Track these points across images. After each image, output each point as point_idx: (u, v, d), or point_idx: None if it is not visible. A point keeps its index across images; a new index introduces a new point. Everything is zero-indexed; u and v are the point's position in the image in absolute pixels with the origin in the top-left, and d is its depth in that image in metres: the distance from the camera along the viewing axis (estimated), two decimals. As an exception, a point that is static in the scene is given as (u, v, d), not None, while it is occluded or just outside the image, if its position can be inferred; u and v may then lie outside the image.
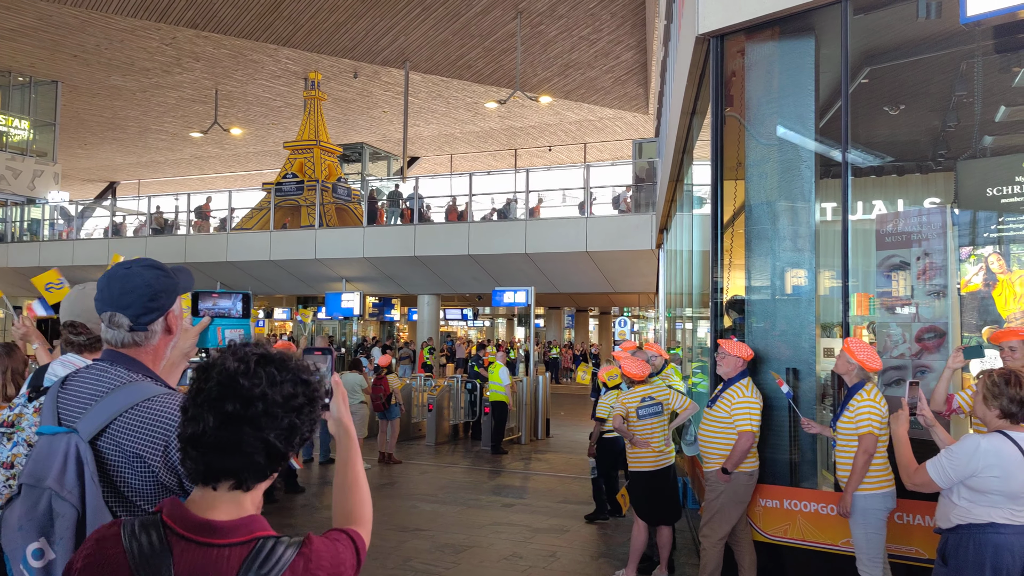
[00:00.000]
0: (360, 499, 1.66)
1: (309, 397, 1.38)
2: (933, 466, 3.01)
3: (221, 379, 1.31)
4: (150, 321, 1.83)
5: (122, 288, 1.82)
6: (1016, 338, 3.79)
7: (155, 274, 1.86)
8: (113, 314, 1.81)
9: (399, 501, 8.42)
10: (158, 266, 1.90)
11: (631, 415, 5.60)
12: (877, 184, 7.98)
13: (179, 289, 1.93)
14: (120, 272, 1.86)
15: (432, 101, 26.40)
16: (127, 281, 1.83)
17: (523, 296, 14.20)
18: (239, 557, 1.27)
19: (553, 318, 35.54)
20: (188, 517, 1.31)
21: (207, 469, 1.31)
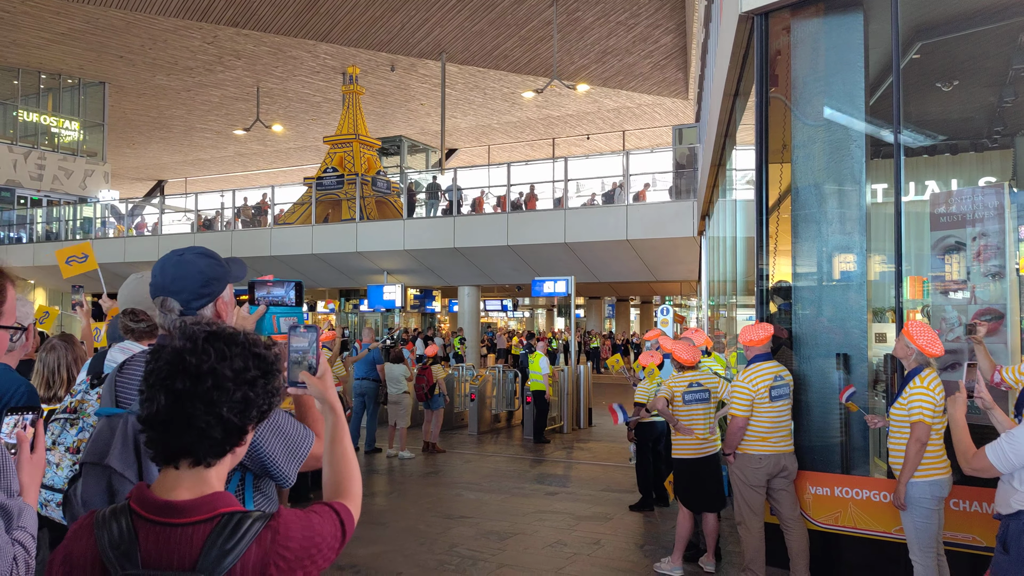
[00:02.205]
0: (348, 473, 1.66)
1: (263, 370, 1.37)
2: (993, 450, 2.90)
3: (170, 359, 1.31)
4: (200, 307, 1.87)
5: (175, 274, 1.87)
6: None
7: (208, 262, 1.91)
8: (165, 299, 1.85)
9: (444, 489, 8.47)
10: (210, 254, 1.95)
11: (676, 399, 5.53)
12: (929, 164, 7.75)
13: (230, 277, 1.97)
14: (174, 259, 1.91)
15: (469, 92, 26.42)
16: (180, 268, 1.88)
17: (563, 286, 14.14)
18: (203, 534, 1.27)
19: (593, 308, 35.39)
20: (151, 500, 1.31)
21: (165, 448, 1.32)
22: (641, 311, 38.65)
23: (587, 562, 5.75)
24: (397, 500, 7.92)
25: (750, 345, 5.11)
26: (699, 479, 5.52)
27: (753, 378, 4.97)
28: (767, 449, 4.96)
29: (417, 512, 7.34)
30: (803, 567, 4.96)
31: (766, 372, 5.01)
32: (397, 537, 6.40)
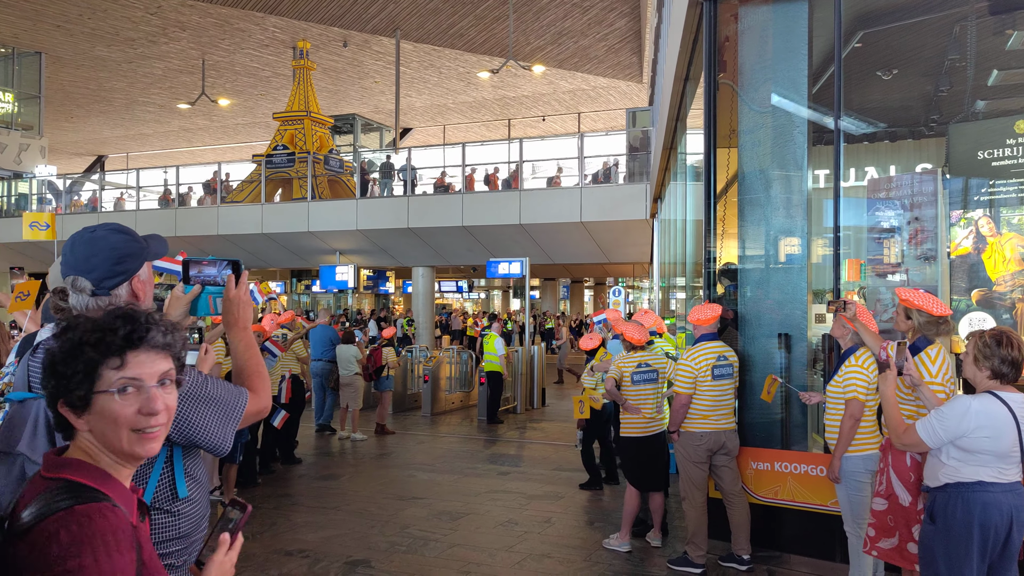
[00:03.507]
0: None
1: None
2: (923, 427, 3.04)
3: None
4: (114, 286, 1.78)
5: (86, 252, 1.77)
6: None
7: (121, 238, 1.81)
8: (76, 278, 1.76)
9: (396, 471, 8.50)
10: (124, 230, 1.85)
11: (625, 379, 5.64)
12: (870, 150, 7.97)
13: (148, 255, 1.87)
14: (85, 236, 1.81)
15: (424, 71, 26.14)
16: (91, 245, 1.78)
17: (518, 267, 14.20)
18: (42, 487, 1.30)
19: (548, 289, 35.58)
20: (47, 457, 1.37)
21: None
22: (595, 292, 39.01)
23: (538, 540, 5.85)
24: (348, 483, 7.92)
25: (698, 324, 5.24)
26: (646, 458, 5.65)
27: (697, 357, 5.10)
28: (708, 427, 5.10)
29: (369, 494, 7.36)
30: (744, 539, 5.14)
31: (710, 351, 5.14)
32: (348, 520, 6.41)
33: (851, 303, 4.38)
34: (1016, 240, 4.85)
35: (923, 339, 3.82)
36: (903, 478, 3.77)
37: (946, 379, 3.68)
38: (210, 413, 1.74)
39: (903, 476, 3.77)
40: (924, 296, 3.81)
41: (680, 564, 5.16)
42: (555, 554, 5.51)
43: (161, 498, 1.69)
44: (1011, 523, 2.92)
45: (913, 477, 3.71)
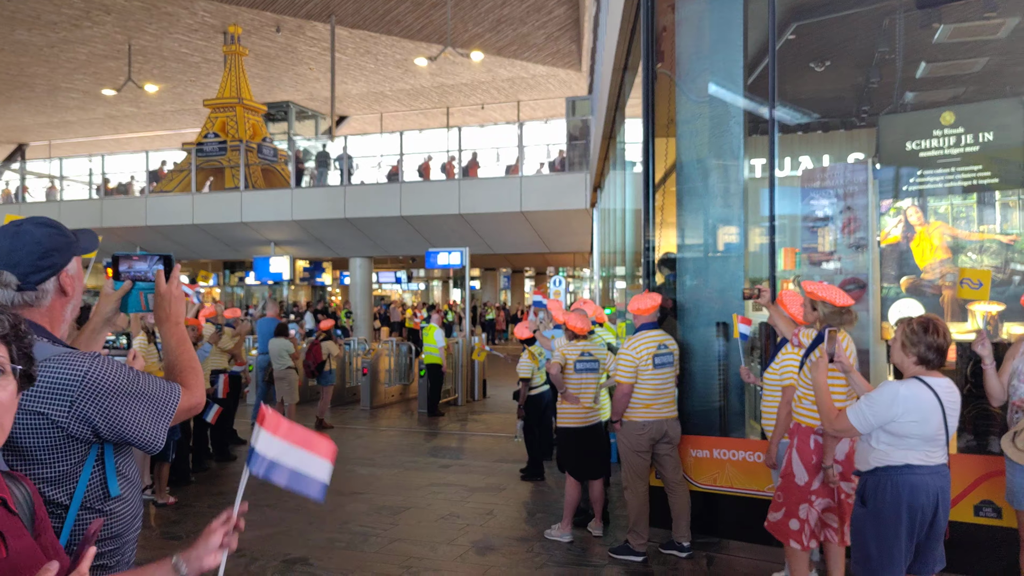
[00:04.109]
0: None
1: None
2: (854, 412, 3.09)
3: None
4: (40, 280, 1.74)
5: (10, 246, 1.73)
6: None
7: (47, 232, 1.77)
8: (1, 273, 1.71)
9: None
10: (51, 224, 1.80)
11: (568, 367, 5.61)
12: (804, 140, 8.13)
13: (76, 249, 1.83)
14: (11, 230, 1.76)
15: (360, 58, 25.66)
16: (16, 239, 1.74)
17: (457, 257, 14.08)
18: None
19: (489, 279, 35.53)
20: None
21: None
22: (536, 282, 39.13)
23: (479, 532, 5.80)
24: (286, 478, 7.72)
25: (638, 314, 5.24)
26: (583, 448, 5.64)
27: (638, 346, 5.11)
28: (651, 415, 5.12)
29: (307, 490, 7.18)
30: (684, 526, 5.19)
31: (650, 340, 5.15)
32: (285, 517, 6.25)
33: (764, 290, 4.55)
34: (943, 229, 5.00)
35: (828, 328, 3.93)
36: (805, 460, 3.93)
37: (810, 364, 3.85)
38: (141, 409, 1.71)
39: (805, 458, 3.93)
40: (828, 288, 3.98)
41: (621, 553, 5.18)
42: (497, 546, 5.47)
43: (92, 497, 1.68)
44: (937, 504, 3.00)
45: (814, 459, 3.89)
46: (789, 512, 4.00)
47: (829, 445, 3.85)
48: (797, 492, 3.99)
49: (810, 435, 3.95)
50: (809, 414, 3.97)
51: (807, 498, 3.96)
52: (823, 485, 3.94)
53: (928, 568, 3.10)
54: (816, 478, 3.93)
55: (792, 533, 3.98)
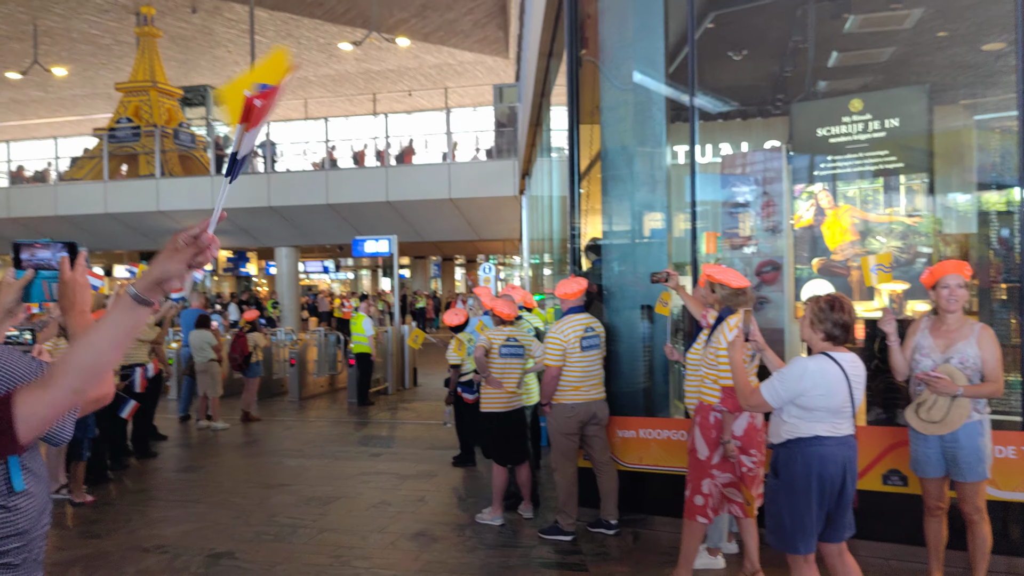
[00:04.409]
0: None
1: None
2: (766, 388, 3.22)
3: None
4: None
5: None
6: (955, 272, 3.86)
7: None
8: None
9: (262, 459, 8.17)
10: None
11: (493, 352, 5.64)
12: (724, 128, 8.34)
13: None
14: None
15: (281, 41, 24.99)
16: None
17: (385, 245, 13.93)
18: None
19: (419, 268, 35.28)
20: None
21: None
22: (467, 270, 39.07)
23: (411, 519, 5.79)
24: (210, 474, 7.53)
25: (564, 298, 5.31)
26: (505, 433, 5.67)
27: (565, 329, 5.17)
28: (579, 398, 5.20)
29: (232, 484, 7.03)
30: (612, 505, 5.30)
31: (577, 324, 5.22)
32: (210, 512, 6.10)
33: (673, 274, 4.71)
34: (852, 212, 5.23)
35: (727, 310, 4.16)
36: (706, 435, 4.10)
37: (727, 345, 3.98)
38: None
39: (706, 434, 4.10)
40: (725, 271, 4.17)
41: (551, 533, 5.26)
42: (428, 532, 5.48)
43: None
44: (844, 473, 3.16)
45: (714, 435, 4.08)
46: (694, 488, 4.16)
47: (727, 421, 4.02)
48: (700, 467, 4.16)
49: (710, 412, 4.12)
50: (709, 392, 4.13)
51: (709, 473, 4.12)
52: (724, 460, 4.10)
53: (839, 535, 3.26)
54: (716, 453, 4.10)
55: (698, 509, 4.14)
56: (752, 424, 4.09)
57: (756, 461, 4.12)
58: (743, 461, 4.11)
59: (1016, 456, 4.31)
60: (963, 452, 3.76)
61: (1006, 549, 4.38)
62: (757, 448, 4.12)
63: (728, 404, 4.02)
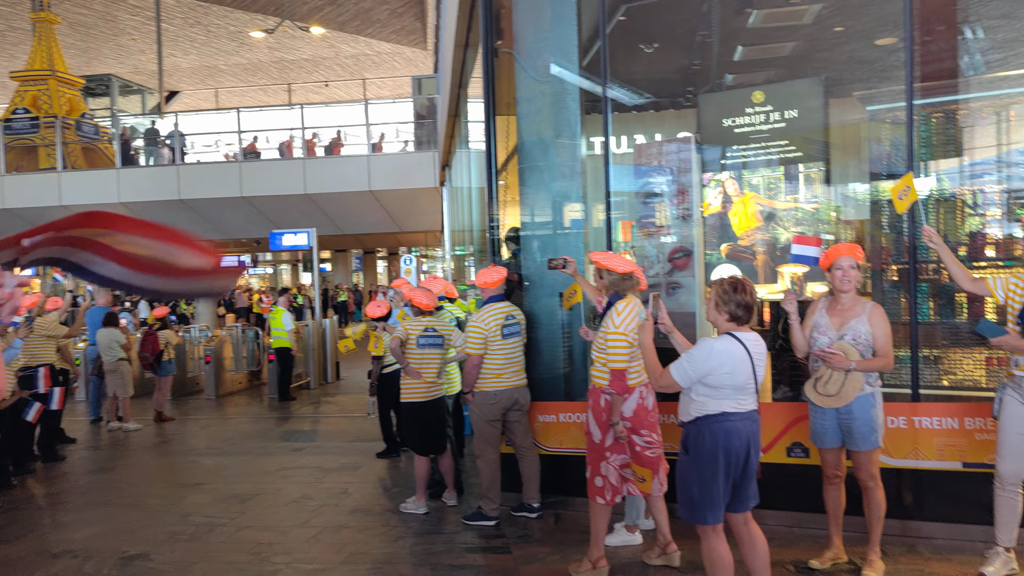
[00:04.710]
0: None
1: None
2: (676, 369, 3.36)
3: None
4: None
5: None
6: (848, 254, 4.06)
7: None
8: None
9: (176, 458, 7.94)
10: None
11: (411, 342, 5.65)
12: (638, 119, 8.54)
13: None
14: None
15: (190, 28, 24.13)
16: None
17: (304, 239, 13.68)
18: None
19: (340, 261, 34.72)
20: None
21: None
22: (389, 263, 38.69)
23: (334, 512, 5.75)
24: (122, 475, 7.28)
25: (484, 287, 5.36)
26: (424, 422, 5.68)
27: (486, 318, 5.23)
28: (501, 385, 5.27)
29: (145, 485, 6.82)
30: (534, 489, 5.40)
31: (498, 312, 5.28)
32: (121, 514, 5.90)
33: (570, 261, 4.84)
34: (756, 199, 5.47)
35: (615, 295, 4.27)
36: (597, 418, 4.25)
37: (628, 328, 4.13)
38: None
39: (598, 416, 4.24)
40: (611, 256, 4.29)
41: (475, 519, 5.33)
42: (352, 524, 5.46)
43: None
44: (749, 446, 3.33)
45: (605, 417, 4.23)
46: (593, 471, 4.29)
47: (615, 403, 4.15)
48: (595, 450, 4.29)
49: (600, 395, 4.25)
50: (599, 375, 4.26)
51: (604, 455, 4.26)
52: (616, 441, 4.24)
53: (744, 505, 3.43)
54: (608, 435, 4.23)
55: (597, 490, 4.27)
56: (642, 405, 4.21)
57: (649, 441, 4.23)
58: (634, 441, 4.22)
59: (907, 426, 4.61)
60: (857, 423, 4.01)
61: (899, 513, 4.69)
62: (649, 428, 4.23)
63: (616, 387, 4.11)
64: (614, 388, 4.13)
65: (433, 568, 4.55)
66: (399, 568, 4.58)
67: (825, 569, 4.20)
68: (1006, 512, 3.97)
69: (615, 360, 4.10)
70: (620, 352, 4.09)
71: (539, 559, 4.61)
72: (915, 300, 4.81)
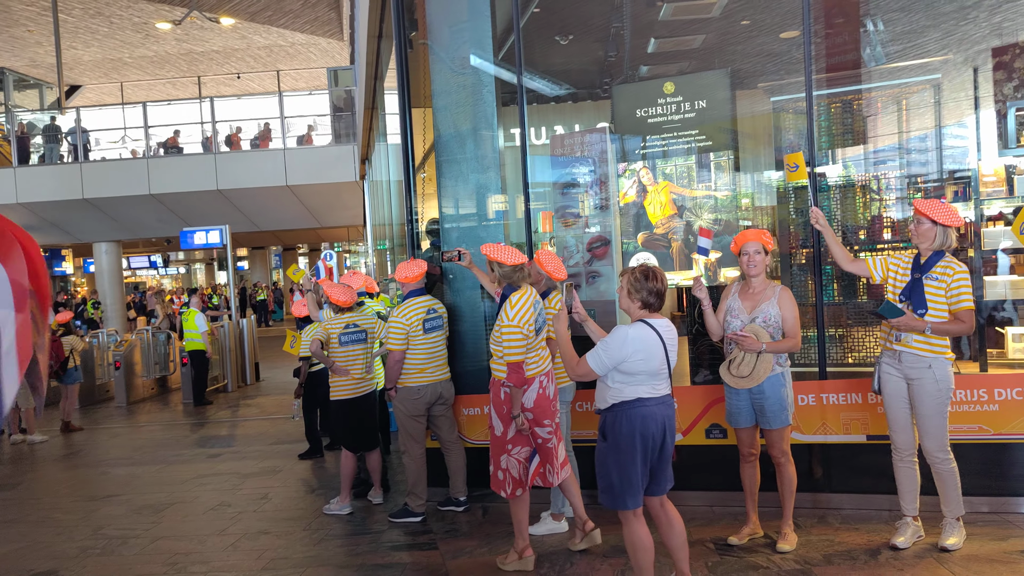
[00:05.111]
0: None
1: None
2: (592, 357, 3.39)
3: None
4: None
5: None
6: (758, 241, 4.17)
7: None
8: None
9: (86, 470, 7.58)
10: None
11: (333, 341, 5.55)
12: (557, 110, 8.60)
13: None
14: None
15: (91, 20, 22.94)
16: None
17: (216, 236, 13.24)
18: None
19: (258, 259, 33.81)
20: None
21: None
22: (310, 259, 37.90)
23: (254, 518, 5.60)
24: (27, 490, 6.90)
25: (405, 282, 5.29)
26: (355, 419, 5.62)
27: (408, 312, 5.17)
28: (425, 379, 5.22)
29: (52, 500, 6.48)
30: (461, 482, 5.39)
31: (419, 306, 5.23)
32: (29, 532, 5.59)
33: (465, 252, 4.85)
34: (670, 188, 5.58)
35: (509, 287, 4.28)
36: (499, 411, 4.27)
37: (523, 321, 4.12)
38: None
39: (499, 409, 4.27)
40: (501, 249, 4.28)
41: (400, 516, 5.27)
42: (273, 529, 5.32)
43: None
44: (664, 430, 3.40)
45: (506, 409, 4.24)
46: (495, 464, 4.29)
47: (515, 396, 4.16)
48: (497, 443, 4.29)
49: (500, 387, 4.27)
50: (497, 368, 4.28)
51: (505, 448, 4.26)
52: (518, 433, 4.25)
53: (661, 488, 3.50)
54: (510, 427, 4.24)
55: (499, 484, 4.28)
56: (542, 395, 4.23)
57: (550, 431, 4.25)
58: (537, 433, 4.24)
59: (815, 403, 4.80)
60: (768, 402, 4.15)
61: (811, 487, 4.90)
62: (550, 418, 4.25)
63: (513, 379, 4.10)
64: (512, 381, 4.11)
65: (358, 569, 4.48)
66: (322, 572, 4.49)
67: (743, 545, 4.33)
68: (907, 482, 4.18)
69: (511, 353, 4.09)
70: (515, 345, 4.09)
71: (466, 553, 4.60)
72: (821, 282, 5.00)
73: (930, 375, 3.97)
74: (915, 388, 4.02)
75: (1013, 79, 5.56)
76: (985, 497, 4.62)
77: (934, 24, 6.26)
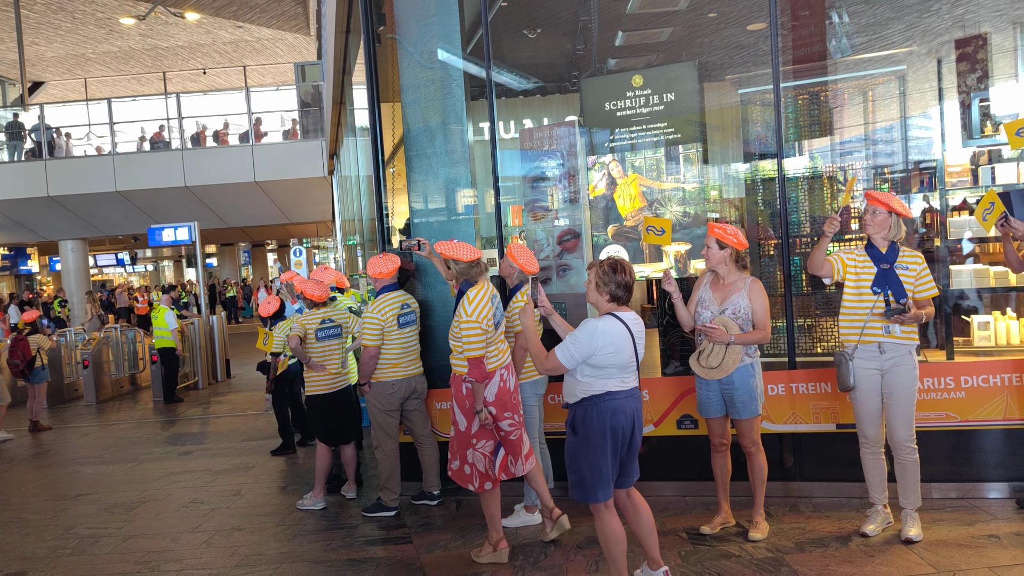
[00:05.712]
0: None
1: None
2: (561, 351, 3.40)
3: None
4: None
5: None
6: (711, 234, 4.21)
7: None
8: None
9: (55, 469, 7.46)
10: None
11: (310, 337, 5.53)
12: (526, 104, 8.61)
13: None
14: None
15: (53, 15, 22.45)
16: None
17: (185, 233, 13.07)
18: None
19: (227, 255, 33.42)
20: None
21: None
22: (279, 256, 37.54)
23: (226, 515, 5.56)
24: (-7, 493, 6.79)
25: (378, 277, 5.27)
26: (332, 413, 5.62)
27: (381, 308, 5.15)
28: (399, 374, 5.21)
29: (21, 500, 6.38)
30: (434, 476, 5.39)
31: (393, 302, 5.22)
32: (-6, 534, 5.51)
33: (424, 242, 4.86)
34: (639, 180, 5.62)
35: (466, 283, 4.30)
36: (461, 406, 4.30)
37: (481, 316, 4.14)
38: None
39: (461, 404, 4.29)
40: (455, 246, 4.29)
41: (374, 511, 5.27)
42: (246, 525, 5.29)
43: None
44: (633, 422, 3.43)
45: (468, 404, 4.26)
46: (461, 459, 4.31)
47: (477, 391, 4.19)
48: (461, 438, 4.31)
49: (462, 383, 4.29)
50: (458, 363, 4.30)
51: (470, 443, 4.29)
52: (482, 428, 4.27)
53: (628, 480, 3.53)
54: (474, 422, 4.27)
55: (465, 477, 4.30)
56: (504, 388, 4.25)
57: (512, 424, 4.27)
58: (500, 426, 4.26)
59: (785, 392, 4.88)
60: (738, 393, 4.20)
61: (782, 475, 4.97)
62: (512, 410, 4.27)
63: (474, 374, 4.12)
64: (472, 376, 4.13)
65: (332, 564, 4.47)
66: (296, 568, 4.48)
67: (715, 534, 4.39)
68: (876, 473, 4.26)
69: (470, 348, 4.11)
70: (474, 340, 4.11)
71: (441, 546, 4.61)
72: (789, 273, 5.08)
73: (910, 361, 4.06)
74: (893, 377, 4.08)
75: (976, 70, 5.68)
76: (952, 483, 4.73)
77: (898, 16, 6.35)
